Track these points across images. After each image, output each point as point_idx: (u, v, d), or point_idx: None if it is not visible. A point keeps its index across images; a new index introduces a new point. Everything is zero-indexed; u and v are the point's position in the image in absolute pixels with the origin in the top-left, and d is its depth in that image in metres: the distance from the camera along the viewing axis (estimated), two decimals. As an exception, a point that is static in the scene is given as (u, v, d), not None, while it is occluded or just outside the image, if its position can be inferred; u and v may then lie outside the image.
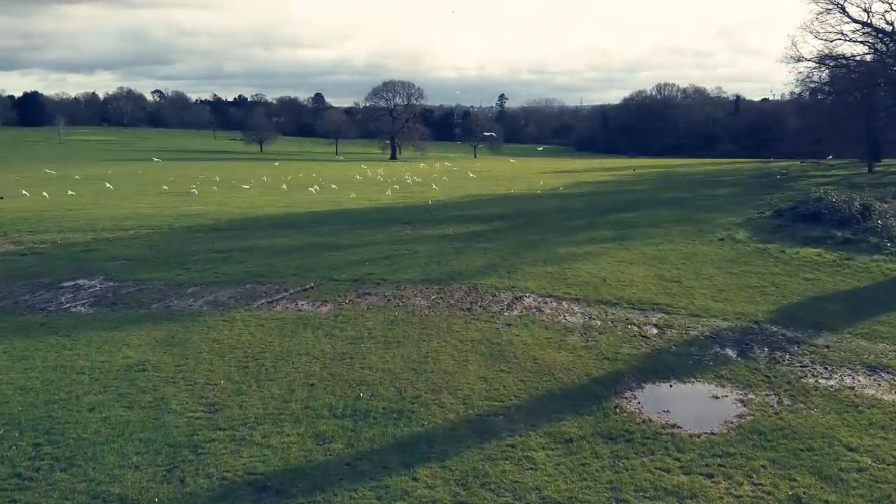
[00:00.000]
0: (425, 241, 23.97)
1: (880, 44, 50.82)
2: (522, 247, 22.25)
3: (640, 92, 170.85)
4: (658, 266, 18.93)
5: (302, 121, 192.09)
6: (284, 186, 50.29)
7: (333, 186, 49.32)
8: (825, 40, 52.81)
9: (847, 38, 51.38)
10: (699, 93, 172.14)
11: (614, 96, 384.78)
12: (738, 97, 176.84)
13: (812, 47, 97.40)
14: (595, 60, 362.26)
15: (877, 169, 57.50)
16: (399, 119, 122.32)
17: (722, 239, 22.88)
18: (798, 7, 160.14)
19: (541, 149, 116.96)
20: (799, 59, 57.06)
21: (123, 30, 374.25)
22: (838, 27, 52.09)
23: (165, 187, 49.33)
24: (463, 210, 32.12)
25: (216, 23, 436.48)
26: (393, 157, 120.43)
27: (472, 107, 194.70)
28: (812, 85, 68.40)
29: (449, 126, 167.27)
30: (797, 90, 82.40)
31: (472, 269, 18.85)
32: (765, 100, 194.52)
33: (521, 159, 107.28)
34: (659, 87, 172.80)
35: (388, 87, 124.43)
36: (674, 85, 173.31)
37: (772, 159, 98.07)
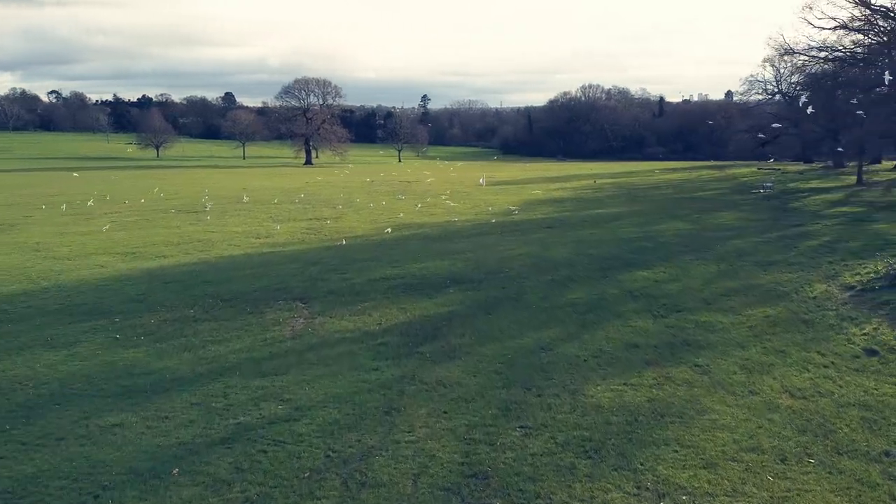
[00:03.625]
0: (325, 358, 12.65)
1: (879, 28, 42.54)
2: (518, 381, 11.27)
3: (564, 93, 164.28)
4: (858, 484, 8.36)
5: (211, 122, 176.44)
6: (129, 199, 37.63)
7: (207, 218, 37.12)
8: (821, 28, 44.51)
9: (844, 26, 42.98)
10: (623, 94, 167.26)
11: (534, 98, 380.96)
12: (662, 99, 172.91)
13: (801, 37, 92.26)
14: (513, 63, 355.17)
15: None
16: (314, 120, 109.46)
17: (875, 353, 12.50)
18: (711, 12, 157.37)
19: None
20: (786, 52, 49.05)
21: (26, 28, 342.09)
22: (832, 14, 44.09)
23: None
24: (394, 264, 20.84)
25: (125, 20, 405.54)
26: (308, 162, 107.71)
27: (394, 107, 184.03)
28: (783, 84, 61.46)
29: (371, 127, 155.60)
30: (751, 90, 76.14)
31: None
32: (686, 101, 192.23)
33: (450, 164, 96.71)
34: (584, 89, 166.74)
35: (302, 84, 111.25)
36: (598, 86, 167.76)
37: (712, 161, 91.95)
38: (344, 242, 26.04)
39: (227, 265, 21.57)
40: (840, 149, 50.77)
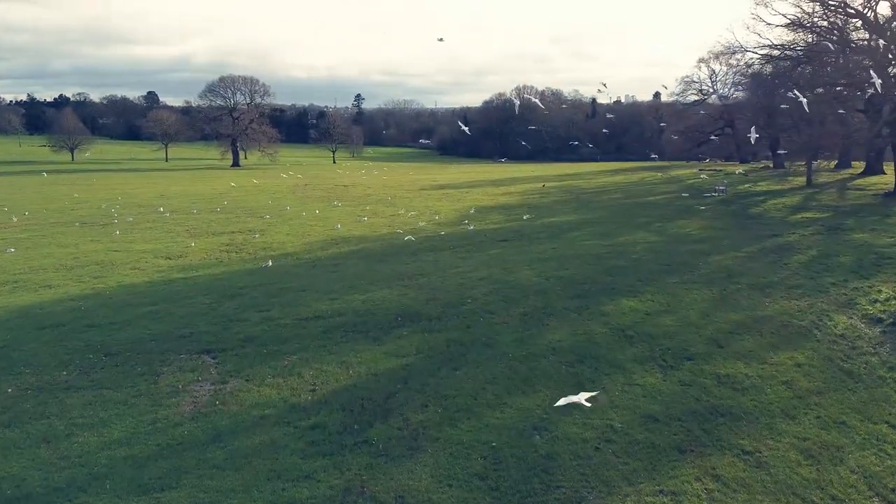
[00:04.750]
0: (235, 455, 9.02)
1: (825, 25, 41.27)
2: (513, 493, 8.02)
3: (499, 94, 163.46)
4: None
5: (132, 122, 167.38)
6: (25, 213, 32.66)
7: (116, 233, 32.59)
8: (769, 24, 43.15)
9: (797, 23, 41.53)
10: (556, 96, 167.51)
11: (468, 99, 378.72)
12: (594, 100, 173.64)
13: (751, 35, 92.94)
14: (444, 64, 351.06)
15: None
16: (241, 119, 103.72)
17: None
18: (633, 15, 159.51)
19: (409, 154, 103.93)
20: (733, 51, 47.69)
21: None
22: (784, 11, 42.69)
23: None
24: (331, 295, 17.23)
25: (42, 17, 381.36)
26: (235, 164, 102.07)
27: (327, 107, 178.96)
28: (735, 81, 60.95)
29: (303, 127, 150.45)
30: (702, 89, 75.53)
31: None
32: (617, 102, 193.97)
33: (387, 164, 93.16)
34: (518, 91, 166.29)
35: (228, 82, 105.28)
36: (531, 87, 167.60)
37: (649, 162, 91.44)
38: (270, 264, 22.25)
39: (122, 299, 17.50)
40: (782, 150, 49.72)
